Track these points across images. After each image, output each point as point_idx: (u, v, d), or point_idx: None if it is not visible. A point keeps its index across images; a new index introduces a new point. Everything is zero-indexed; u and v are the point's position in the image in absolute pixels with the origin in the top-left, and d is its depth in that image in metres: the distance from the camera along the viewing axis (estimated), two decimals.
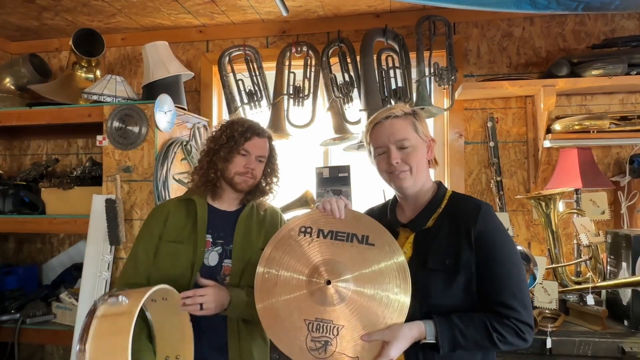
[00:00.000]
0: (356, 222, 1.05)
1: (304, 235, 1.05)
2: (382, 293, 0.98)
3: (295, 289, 1.01)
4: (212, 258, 1.26)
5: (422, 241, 1.04)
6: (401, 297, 0.98)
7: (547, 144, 1.94)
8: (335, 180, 2.14)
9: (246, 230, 1.30)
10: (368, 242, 1.02)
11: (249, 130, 1.29)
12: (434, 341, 0.96)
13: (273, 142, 1.38)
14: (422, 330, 0.96)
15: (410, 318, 0.98)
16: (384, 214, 1.15)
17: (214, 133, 1.33)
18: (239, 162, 1.28)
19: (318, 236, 1.04)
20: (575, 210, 1.87)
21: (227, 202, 1.34)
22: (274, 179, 1.38)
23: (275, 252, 1.05)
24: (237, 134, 1.28)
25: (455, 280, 0.98)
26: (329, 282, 1.00)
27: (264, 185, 1.35)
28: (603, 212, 1.83)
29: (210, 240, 1.28)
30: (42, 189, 2.12)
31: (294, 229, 1.07)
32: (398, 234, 1.10)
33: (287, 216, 2.08)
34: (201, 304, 1.11)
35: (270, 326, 1.01)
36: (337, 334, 0.96)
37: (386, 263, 1.00)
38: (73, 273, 2.30)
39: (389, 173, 1.07)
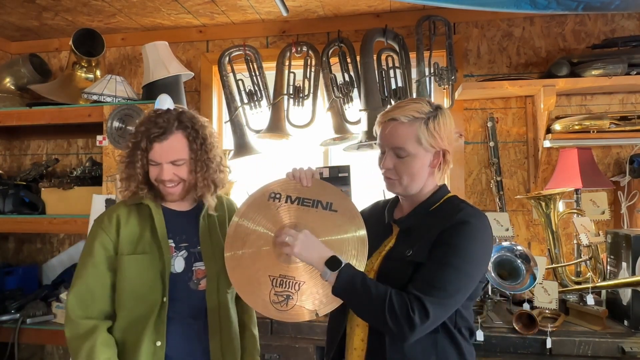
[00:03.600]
0: (322, 190, 1.12)
1: (273, 201, 1.12)
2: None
3: (263, 246, 1.08)
4: (178, 264, 1.17)
5: (402, 236, 1.05)
6: (356, 264, 1.04)
7: (547, 144, 1.94)
8: (335, 180, 2.13)
9: (210, 230, 1.23)
10: (331, 208, 1.09)
11: (144, 137, 1.12)
12: (340, 264, 0.95)
13: (194, 129, 1.15)
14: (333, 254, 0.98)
15: None
16: (384, 210, 1.15)
17: (127, 140, 1.18)
18: (154, 172, 1.15)
19: (286, 202, 1.11)
20: (575, 210, 1.86)
21: (179, 202, 1.22)
22: (216, 169, 1.20)
23: (248, 210, 1.13)
24: (133, 147, 1.14)
25: (408, 272, 0.96)
26: None
27: (203, 181, 1.17)
28: (603, 212, 1.83)
29: (173, 245, 1.17)
30: (42, 189, 2.12)
31: (264, 194, 1.14)
32: (392, 232, 1.10)
33: None
34: None
35: (237, 279, 1.08)
36: (298, 289, 1.04)
37: (347, 230, 1.07)
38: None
39: (382, 174, 1.08)
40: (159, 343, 1.11)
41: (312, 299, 1.02)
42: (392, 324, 0.89)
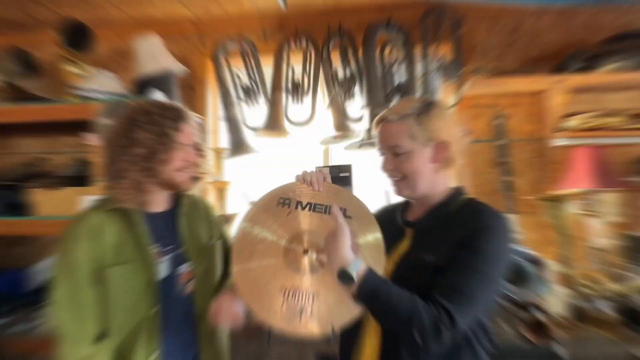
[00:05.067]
0: (334, 195, 1.07)
1: (282, 207, 1.06)
2: None
3: (272, 257, 1.03)
4: (163, 269, 1.13)
5: (418, 237, 1.04)
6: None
7: (558, 142, 1.89)
8: (336, 180, 2.04)
9: (190, 227, 1.19)
10: (346, 214, 1.03)
11: (179, 119, 1.11)
12: (364, 269, 0.91)
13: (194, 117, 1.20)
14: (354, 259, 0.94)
15: None
16: (395, 211, 1.15)
17: (134, 134, 1.08)
18: (177, 157, 1.11)
19: (296, 208, 1.05)
20: (587, 212, 1.82)
21: (158, 203, 1.17)
22: (203, 159, 1.21)
23: (256, 216, 1.06)
24: (168, 128, 1.09)
25: (428, 276, 0.94)
26: (305, 252, 1.02)
27: (203, 165, 1.20)
28: (617, 214, 1.78)
29: (158, 250, 1.13)
30: (30, 189, 2.06)
31: (272, 199, 1.07)
32: (405, 234, 1.07)
33: None
34: None
35: (248, 293, 1.02)
36: (312, 301, 0.99)
37: (363, 237, 1.02)
38: None
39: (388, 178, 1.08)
40: (153, 356, 1.07)
41: (328, 310, 0.97)
42: (418, 337, 0.87)
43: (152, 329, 1.08)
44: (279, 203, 1.05)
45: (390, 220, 1.11)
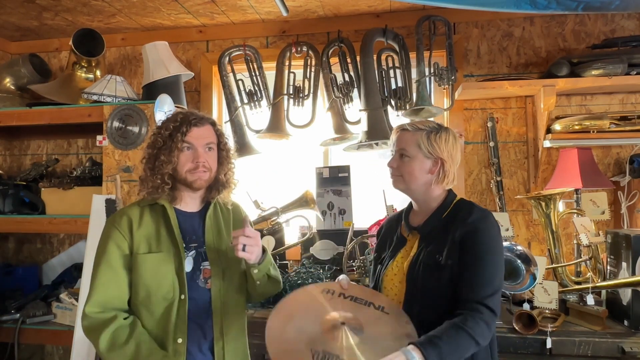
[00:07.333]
0: (373, 295, 1.19)
1: (327, 294, 1.18)
2: (385, 348, 1.02)
3: (311, 322, 1.09)
4: (187, 263, 1.19)
5: (425, 241, 1.18)
6: None
7: (547, 144, 1.94)
8: (335, 180, 2.14)
9: (216, 229, 1.25)
10: (384, 310, 1.14)
11: (184, 122, 1.18)
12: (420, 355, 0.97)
13: (219, 127, 1.26)
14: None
15: (407, 304, 1.14)
16: (399, 219, 1.29)
17: (151, 138, 1.23)
18: (186, 159, 1.18)
19: (339, 296, 1.17)
20: (575, 210, 1.86)
21: (189, 203, 1.25)
22: (231, 167, 1.28)
23: (299, 295, 1.17)
24: (173, 131, 1.18)
25: (442, 274, 1.11)
26: (343, 323, 1.07)
27: (222, 176, 1.25)
28: (603, 212, 1.83)
29: (184, 245, 1.20)
30: (42, 189, 2.13)
31: (316, 289, 1.19)
32: (407, 240, 1.23)
33: (287, 216, 2.11)
34: (244, 245, 1.12)
35: (275, 350, 1.04)
36: None
37: (402, 328, 1.08)
38: (73, 273, 2.30)
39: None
40: (180, 340, 1.15)
41: None
42: (484, 342, 1.05)
43: (179, 316, 1.15)
44: (324, 291, 1.17)
45: (395, 229, 1.29)
